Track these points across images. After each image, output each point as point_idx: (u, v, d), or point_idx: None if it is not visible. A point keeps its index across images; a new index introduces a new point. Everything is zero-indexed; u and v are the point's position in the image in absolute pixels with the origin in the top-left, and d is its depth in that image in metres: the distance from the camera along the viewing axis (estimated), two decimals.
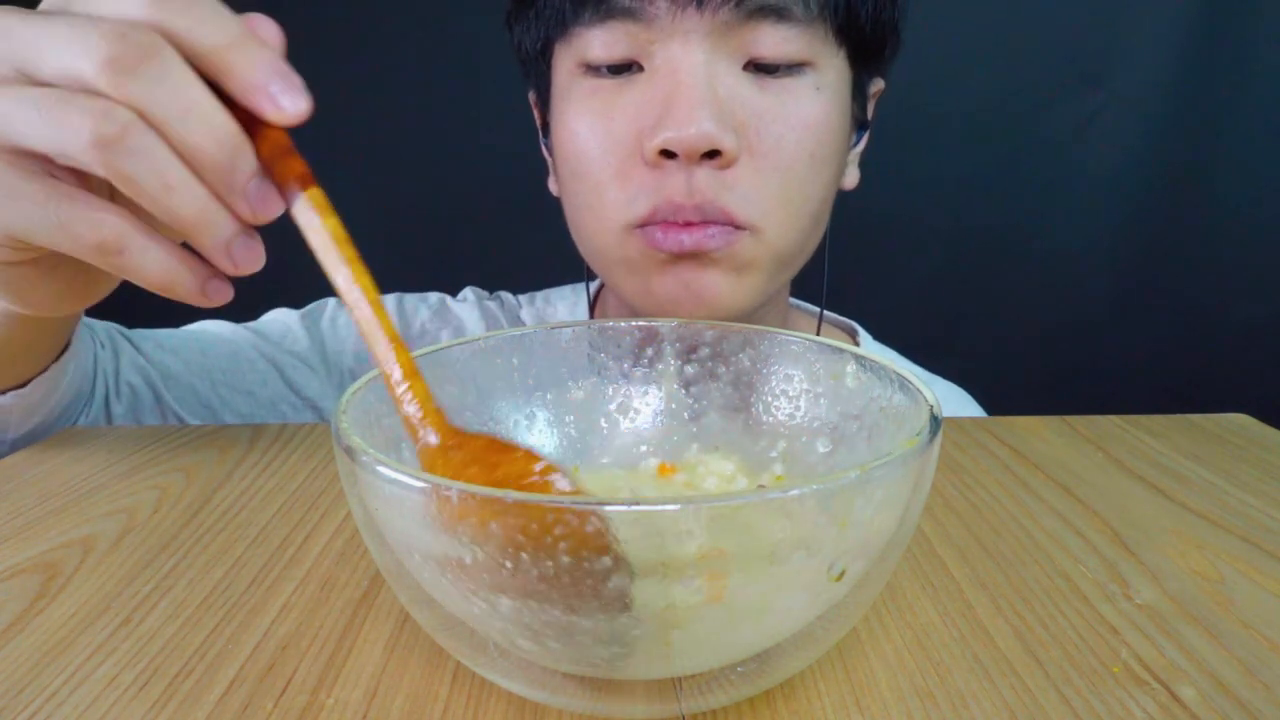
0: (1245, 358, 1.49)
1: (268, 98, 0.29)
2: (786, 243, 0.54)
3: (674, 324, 0.38)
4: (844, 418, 0.34)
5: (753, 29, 0.50)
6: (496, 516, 0.22)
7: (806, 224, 0.54)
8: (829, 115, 0.53)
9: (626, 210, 0.52)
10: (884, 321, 0.76)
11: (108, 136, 0.27)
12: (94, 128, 0.27)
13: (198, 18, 0.28)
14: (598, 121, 0.52)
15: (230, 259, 0.30)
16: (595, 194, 0.53)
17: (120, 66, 0.27)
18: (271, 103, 0.29)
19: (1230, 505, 0.43)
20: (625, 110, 0.51)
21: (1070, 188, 1.46)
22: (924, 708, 0.28)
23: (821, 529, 0.23)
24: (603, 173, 0.52)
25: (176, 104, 0.28)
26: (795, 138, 0.51)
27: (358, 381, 0.30)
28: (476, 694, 0.29)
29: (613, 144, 0.52)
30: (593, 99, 0.53)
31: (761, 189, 0.51)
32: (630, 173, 0.51)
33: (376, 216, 1.10)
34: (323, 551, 0.38)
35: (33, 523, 0.41)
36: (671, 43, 0.50)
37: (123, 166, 0.28)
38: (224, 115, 0.29)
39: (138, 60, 0.27)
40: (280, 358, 0.67)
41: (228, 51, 0.28)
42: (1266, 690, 0.29)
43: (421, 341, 0.71)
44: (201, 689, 0.29)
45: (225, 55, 0.28)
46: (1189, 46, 1.39)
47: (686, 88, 0.49)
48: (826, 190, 0.55)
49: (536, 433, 0.38)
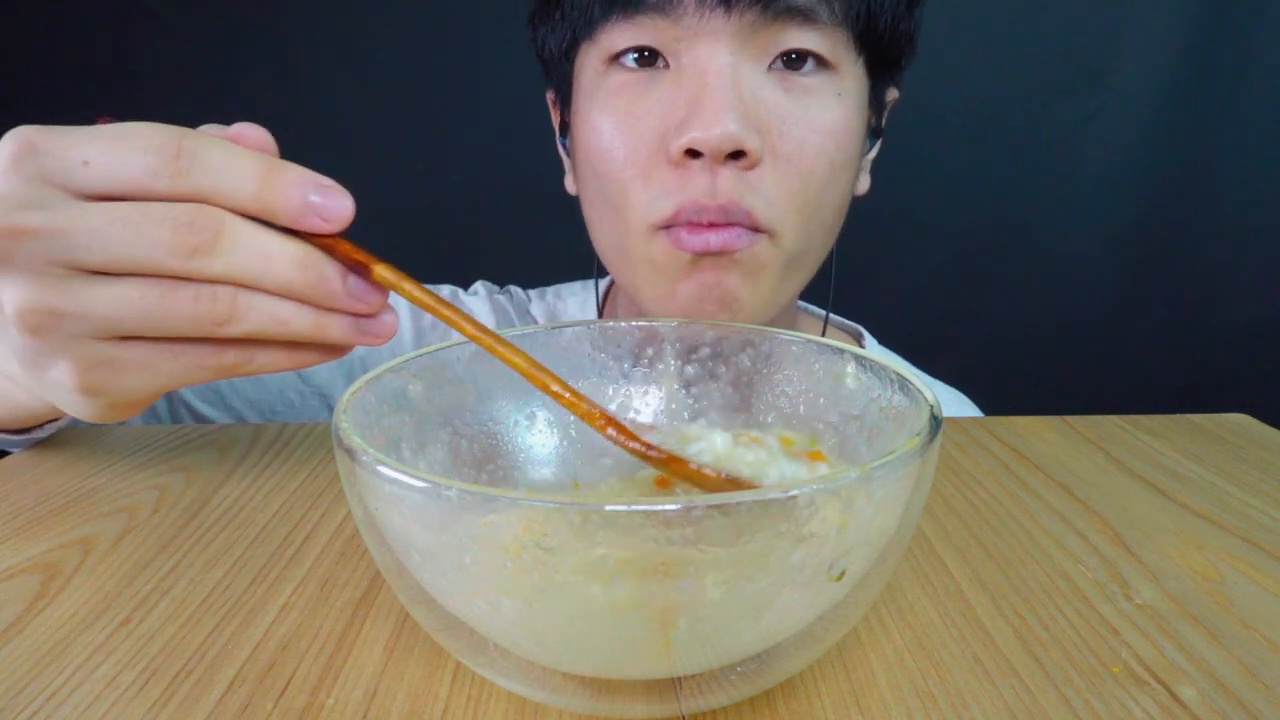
0: (1245, 358, 1.50)
1: (316, 218, 0.31)
2: (799, 247, 0.54)
3: (674, 324, 0.38)
4: (844, 418, 0.34)
5: (779, 31, 0.50)
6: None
7: (820, 230, 0.54)
8: (849, 121, 0.53)
9: (650, 210, 0.51)
10: (884, 321, 0.76)
11: (222, 316, 0.31)
12: (209, 314, 0.31)
13: (220, 171, 0.31)
14: (623, 119, 0.52)
15: (364, 338, 0.33)
16: (619, 192, 0.53)
17: (200, 252, 0.30)
18: (321, 219, 0.31)
19: (1230, 505, 0.43)
20: (651, 109, 0.51)
21: (1070, 188, 1.46)
22: (924, 708, 0.28)
23: (821, 529, 0.23)
24: (626, 170, 0.52)
25: (256, 259, 0.31)
26: (817, 141, 0.51)
27: (357, 382, 0.31)
28: (476, 694, 0.29)
29: (638, 142, 0.51)
30: (618, 96, 0.53)
31: (783, 192, 0.51)
32: (654, 172, 0.51)
33: (391, 213, 1.11)
34: (323, 551, 0.38)
35: (33, 523, 0.41)
36: (698, 42, 0.50)
37: (244, 329, 0.32)
38: (294, 243, 0.31)
39: (212, 240, 0.30)
40: None
41: (262, 194, 0.31)
42: (1266, 690, 0.29)
43: (433, 334, 0.72)
44: (201, 689, 0.29)
45: (262, 199, 0.31)
46: (1189, 46, 1.39)
47: (713, 88, 0.49)
48: (842, 198, 0.55)
49: (536, 433, 0.38)
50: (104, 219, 0.30)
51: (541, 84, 0.63)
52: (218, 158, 0.31)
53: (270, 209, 0.31)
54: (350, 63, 1.31)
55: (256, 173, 0.31)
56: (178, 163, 0.30)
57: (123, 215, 0.30)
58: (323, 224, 0.31)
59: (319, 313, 0.32)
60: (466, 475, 0.35)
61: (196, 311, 0.31)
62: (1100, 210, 1.47)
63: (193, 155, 0.30)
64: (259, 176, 0.31)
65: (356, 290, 0.32)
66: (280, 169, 0.31)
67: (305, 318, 0.32)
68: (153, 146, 0.30)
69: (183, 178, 0.30)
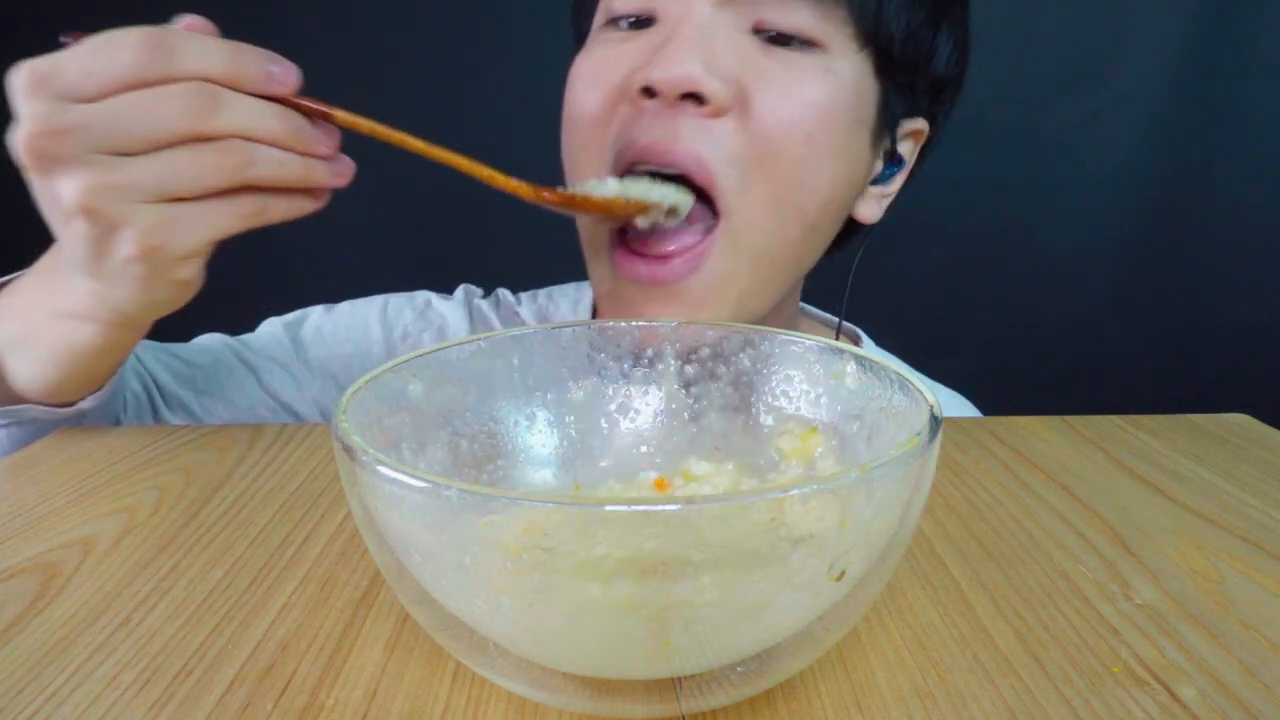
0: (1245, 358, 1.50)
1: (276, 84, 0.39)
2: (763, 236, 0.52)
3: (674, 324, 0.38)
4: (844, 418, 0.34)
5: None
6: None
7: (795, 220, 0.52)
8: (834, 102, 0.51)
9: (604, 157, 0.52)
10: (884, 321, 0.76)
11: (243, 161, 0.39)
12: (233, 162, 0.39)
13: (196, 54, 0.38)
14: (598, 66, 0.53)
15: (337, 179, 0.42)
16: (580, 140, 0.54)
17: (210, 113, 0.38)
18: (279, 84, 0.40)
19: (1230, 505, 0.43)
20: (622, 56, 0.52)
21: (1070, 187, 1.46)
22: (924, 708, 0.28)
23: (821, 529, 0.23)
24: (586, 114, 0.53)
25: (251, 115, 0.39)
26: (791, 108, 0.50)
27: (357, 382, 0.30)
28: (476, 694, 0.29)
29: (604, 85, 0.52)
30: (602, 47, 0.54)
31: (748, 153, 0.50)
32: (614, 114, 0.52)
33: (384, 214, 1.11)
34: (323, 551, 0.38)
35: (33, 523, 0.41)
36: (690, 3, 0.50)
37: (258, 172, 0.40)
38: (273, 106, 0.39)
39: (215, 104, 0.38)
40: (259, 363, 0.68)
41: (232, 69, 0.38)
42: (1266, 690, 0.29)
43: (404, 345, 0.71)
44: (201, 689, 0.29)
45: (233, 72, 0.38)
46: (1189, 46, 1.39)
47: (681, 33, 0.49)
48: (826, 192, 0.53)
49: (537, 433, 0.38)
50: (126, 105, 0.37)
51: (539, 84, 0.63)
52: (191, 44, 0.38)
53: (239, 79, 0.39)
54: (345, 61, 1.31)
55: (224, 53, 0.38)
56: (161, 52, 0.37)
57: (140, 99, 0.37)
58: (281, 88, 0.40)
59: (304, 159, 0.40)
60: (467, 475, 0.35)
61: (222, 161, 0.38)
62: (1100, 210, 1.47)
63: (171, 46, 0.37)
64: (227, 56, 0.38)
65: (321, 135, 0.41)
66: (241, 49, 0.39)
67: (296, 161, 0.40)
68: (137, 44, 0.37)
69: (169, 64, 0.37)
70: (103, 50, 0.37)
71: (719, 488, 0.36)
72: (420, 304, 0.74)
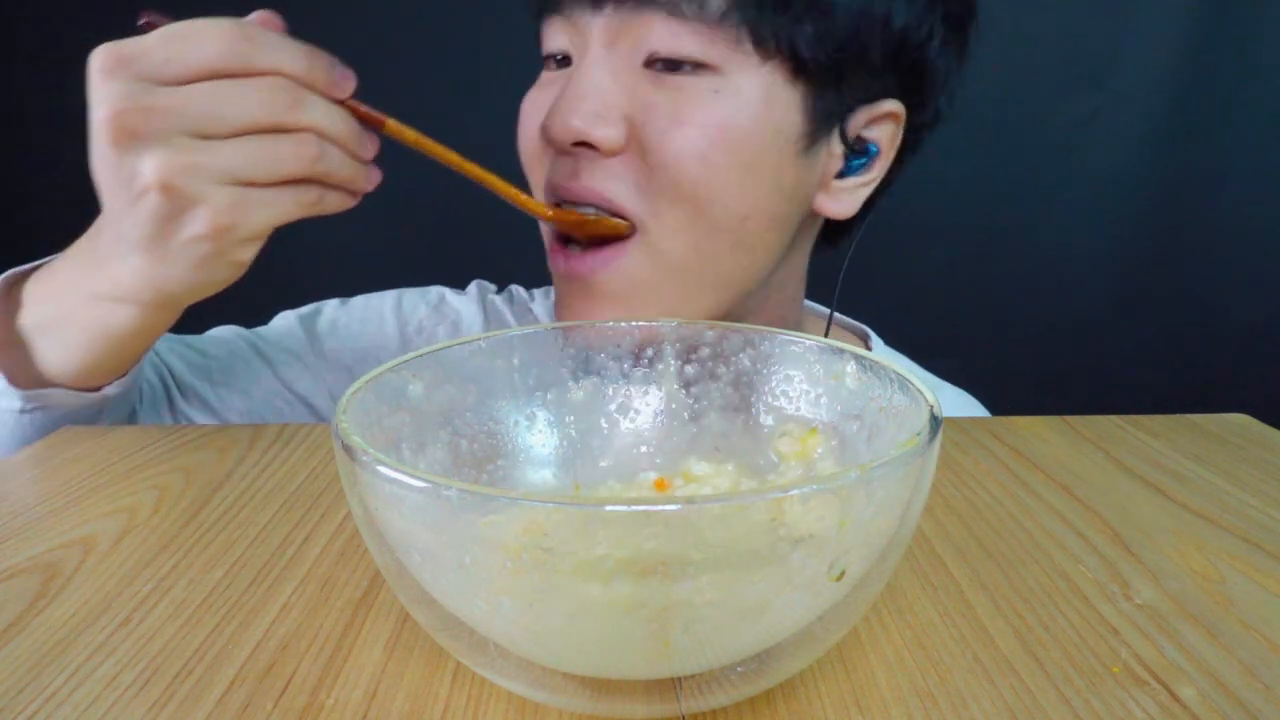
0: (1245, 358, 1.50)
1: (338, 89, 0.43)
2: (680, 249, 0.53)
3: (674, 324, 0.39)
4: (844, 418, 0.34)
5: (645, 24, 0.50)
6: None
7: (710, 234, 0.53)
8: (729, 120, 0.51)
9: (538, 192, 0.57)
10: (884, 321, 0.76)
11: (316, 155, 0.43)
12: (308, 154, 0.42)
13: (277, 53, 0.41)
14: (530, 106, 0.58)
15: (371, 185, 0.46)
16: (527, 170, 0.59)
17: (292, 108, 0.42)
18: (342, 90, 0.44)
19: (1230, 505, 0.43)
20: (546, 99, 0.55)
21: (1070, 188, 1.46)
22: (924, 708, 0.28)
23: (821, 529, 0.23)
24: (525, 151, 0.58)
25: (324, 115, 0.43)
26: (683, 135, 0.51)
27: (357, 382, 0.30)
28: (476, 694, 0.29)
29: (532, 125, 0.56)
30: (538, 86, 0.58)
31: (647, 182, 0.52)
32: (540, 157, 0.56)
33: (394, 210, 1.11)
34: (323, 551, 0.38)
35: (33, 523, 0.41)
36: (583, 39, 0.53)
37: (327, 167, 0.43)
38: (340, 109, 0.44)
39: (296, 101, 0.42)
40: (275, 355, 0.68)
41: (309, 71, 0.42)
42: (1266, 690, 0.29)
43: (419, 339, 0.72)
44: (201, 689, 0.29)
45: (310, 74, 0.42)
46: (1189, 46, 1.39)
47: (573, 83, 0.52)
48: (736, 207, 0.52)
49: (536, 433, 0.38)
50: (215, 92, 0.40)
51: None
52: (271, 42, 0.41)
53: (313, 80, 0.42)
54: (350, 59, 1.31)
55: (301, 53, 0.42)
56: (246, 46, 0.40)
57: (229, 88, 0.40)
58: (342, 92, 0.44)
59: (355, 162, 0.45)
60: (467, 475, 0.35)
61: (300, 152, 0.42)
62: (1100, 210, 1.47)
63: (254, 40, 0.40)
64: (304, 57, 0.42)
65: (370, 142, 0.45)
66: (314, 52, 0.43)
67: (350, 163, 0.44)
68: (223, 36, 0.40)
69: (252, 57, 0.40)
70: (188, 38, 0.40)
71: (719, 488, 0.36)
72: (434, 299, 0.75)
